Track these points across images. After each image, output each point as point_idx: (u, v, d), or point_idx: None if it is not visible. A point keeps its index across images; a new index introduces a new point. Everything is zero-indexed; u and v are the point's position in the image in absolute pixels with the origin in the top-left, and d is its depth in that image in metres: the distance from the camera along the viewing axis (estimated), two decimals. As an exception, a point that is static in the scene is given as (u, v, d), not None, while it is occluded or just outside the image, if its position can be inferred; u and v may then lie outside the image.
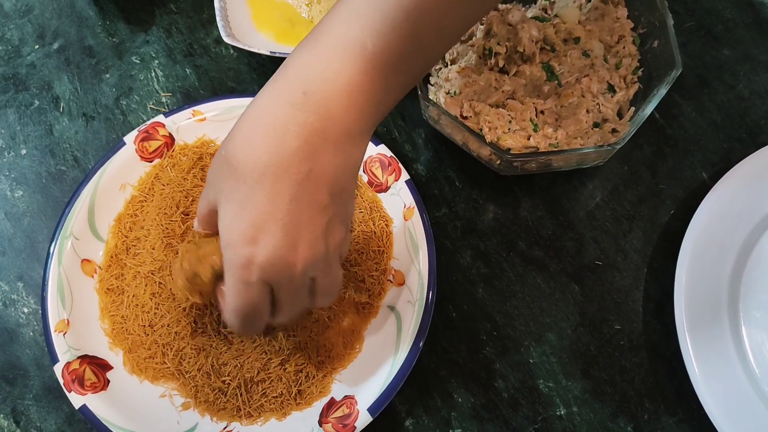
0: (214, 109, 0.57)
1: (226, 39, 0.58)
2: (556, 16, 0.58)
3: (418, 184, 0.56)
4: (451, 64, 0.57)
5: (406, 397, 0.51)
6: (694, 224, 0.52)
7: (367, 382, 0.48)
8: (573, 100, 0.54)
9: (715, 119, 0.59)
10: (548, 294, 0.54)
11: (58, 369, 0.49)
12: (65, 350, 0.50)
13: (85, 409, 0.48)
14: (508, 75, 0.56)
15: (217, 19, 0.59)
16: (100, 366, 0.50)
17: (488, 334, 0.53)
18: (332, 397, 0.49)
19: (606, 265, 0.54)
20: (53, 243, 0.52)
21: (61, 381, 0.49)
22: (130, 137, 0.56)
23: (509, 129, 0.53)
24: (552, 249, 0.55)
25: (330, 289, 0.40)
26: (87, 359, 0.50)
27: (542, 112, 0.54)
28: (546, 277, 0.54)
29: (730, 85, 0.60)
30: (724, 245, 0.51)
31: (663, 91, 0.50)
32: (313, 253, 0.36)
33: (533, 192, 0.57)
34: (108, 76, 0.64)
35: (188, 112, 0.57)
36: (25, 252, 0.57)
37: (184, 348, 0.50)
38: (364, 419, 0.47)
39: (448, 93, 0.55)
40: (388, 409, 0.50)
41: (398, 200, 0.54)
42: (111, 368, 0.50)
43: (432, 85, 0.57)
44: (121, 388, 0.49)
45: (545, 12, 0.59)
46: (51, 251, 0.52)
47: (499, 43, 0.55)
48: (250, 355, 0.49)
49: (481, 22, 0.57)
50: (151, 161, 0.56)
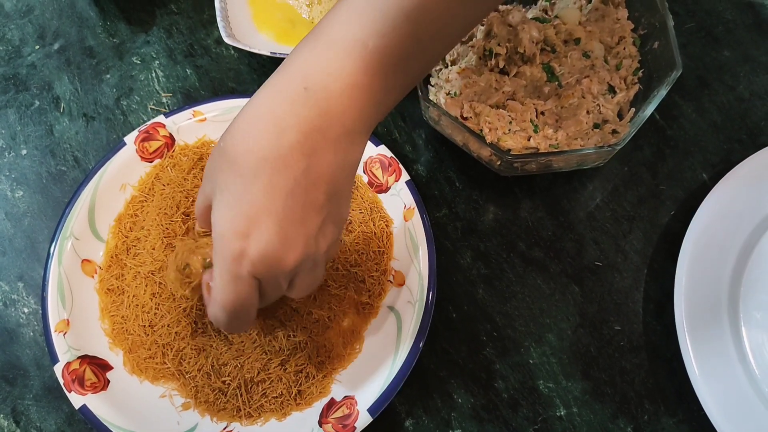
0: (214, 110, 0.57)
1: (226, 39, 0.58)
2: (557, 17, 0.58)
3: (418, 185, 0.56)
4: (451, 65, 0.57)
5: (406, 398, 0.51)
6: (694, 225, 0.52)
7: (367, 382, 0.48)
8: (573, 101, 0.54)
9: (715, 120, 0.59)
10: (548, 295, 0.54)
11: (58, 369, 0.49)
12: (65, 350, 0.50)
13: (85, 409, 0.48)
14: (508, 76, 0.56)
15: (218, 20, 0.59)
16: (100, 366, 0.50)
17: (488, 334, 0.53)
18: (332, 398, 0.49)
19: (606, 266, 0.54)
20: (53, 243, 0.52)
21: (61, 381, 0.49)
22: (131, 137, 0.56)
23: (509, 130, 0.53)
24: (552, 250, 0.55)
25: (308, 288, 0.40)
26: (87, 359, 0.50)
27: (542, 113, 0.54)
28: (546, 277, 0.54)
29: (731, 86, 0.60)
30: (724, 246, 0.51)
31: (663, 92, 0.50)
32: (304, 252, 0.36)
33: (533, 193, 0.57)
34: (108, 76, 0.64)
35: (189, 112, 0.57)
36: (26, 252, 0.57)
37: (184, 348, 0.50)
38: (364, 420, 0.47)
39: (448, 94, 0.55)
40: (388, 410, 0.50)
41: (398, 201, 0.54)
42: (111, 368, 0.50)
43: (432, 86, 0.57)
44: (121, 388, 0.49)
45: (546, 13, 0.59)
46: (51, 251, 0.52)
47: (499, 44, 0.55)
48: (250, 356, 0.49)
49: (482, 23, 0.57)
50: (151, 161, 0.56)
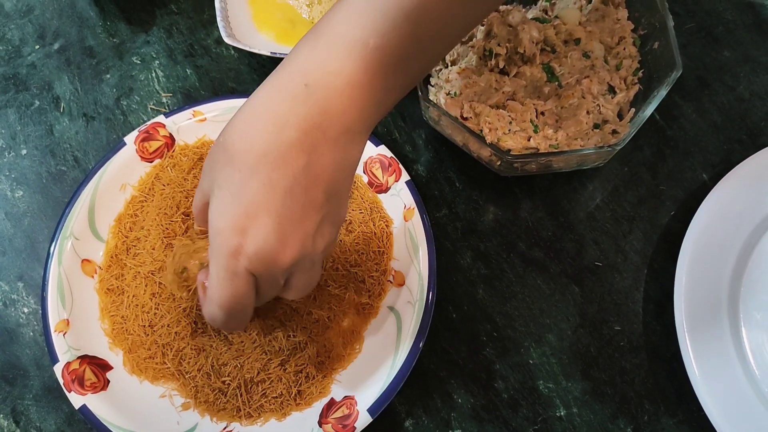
0: (214, 110, 0.57)
1: (226, 39, 0.58)
2: (557, 17, 0.58)
3: (418, 185, 0.56)
4: (451, 65, 0.57)
5: (406, 398, 0.51)
6: (694, 225, 0.52)
7: (367, 382, 0.48)
8: (573, 102, 0.54)
9: (715, 120, 0.59)
10: (548, 295, 0.54)
11: (58, 369, 0.49)
12: (65, 350, 0.50)
13: (85, 409, 0.48)
14: (508, 76, 0.56)
15: (218, 20, 0.59)
16: (100, 366, 0.50)
17: (488, 334, 0.53)
18: (332, 398, 0.49)
19: (606, 266, 0.54)
20: (53, 243, 0.52)
21: (61, 381, 0.49)
22: (131, 137, 0.56)
23: (509, 130, 0.53)
24: (552, 250, 0.55)
25: (305, 288, 0.40)
26: (87, 359, 0.50)
27: (542, 113, 0.54)
28: (546, 278, 0.54)
29: (731, 86, 0.60)
30: (724, 246, 0.51)
31: (663, 93, 0.50)
32: (301, 251, 0.36)
33: (533, 193, 0.57)
34: (108, 76, 0.64)
35: (189, 112, 0.57)
36: (26, 252, 0.57)
37: (184, 348, 0.50)
38: (363, 420, 0.47)
39: (448, 94, 0.55)
40: (387, 410, 0.50)
41: (398, 201, 0.54)
42: (111, 368, 0.50)
43: (432, 86, 0.57)
44: (121, 388, 0.49)
45: (546, 13, 0.59)
46: (51, 251, 0.52)
47: (499, 44, 0.55)
48: (250, 356, 0.49)
49: (482, 23, 0.57)
50: (151, 161, 0.56)
